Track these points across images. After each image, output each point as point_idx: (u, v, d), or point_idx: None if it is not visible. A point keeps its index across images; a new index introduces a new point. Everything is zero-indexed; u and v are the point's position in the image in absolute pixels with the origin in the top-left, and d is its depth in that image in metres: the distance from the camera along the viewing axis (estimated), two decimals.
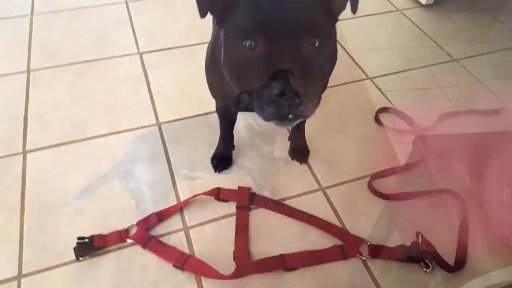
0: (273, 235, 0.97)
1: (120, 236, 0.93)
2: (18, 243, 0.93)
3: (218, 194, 1.03)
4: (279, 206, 1.02)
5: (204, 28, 1.58)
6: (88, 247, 0.91)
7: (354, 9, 0.70)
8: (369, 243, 0.96)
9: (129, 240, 0.93)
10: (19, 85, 1.29)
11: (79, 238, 0.91)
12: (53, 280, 0.87)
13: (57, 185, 1.04)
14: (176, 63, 1.41)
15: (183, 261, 0.89)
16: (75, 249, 0.90)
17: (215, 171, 1.10)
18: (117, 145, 1.14)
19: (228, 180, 1.08)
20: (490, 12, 1.76)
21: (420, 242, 0.96)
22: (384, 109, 1.29)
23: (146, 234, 0.94)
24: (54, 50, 1.42)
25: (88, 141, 1.15)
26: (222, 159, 1.11)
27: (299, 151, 1.14)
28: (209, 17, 0.67)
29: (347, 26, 1.61)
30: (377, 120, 1.26)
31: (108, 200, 1.01)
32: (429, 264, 0.93)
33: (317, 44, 0.64)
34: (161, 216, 0.98)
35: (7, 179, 1.04)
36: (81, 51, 1.43)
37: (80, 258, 0.90)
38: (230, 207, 1.02)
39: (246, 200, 1.02)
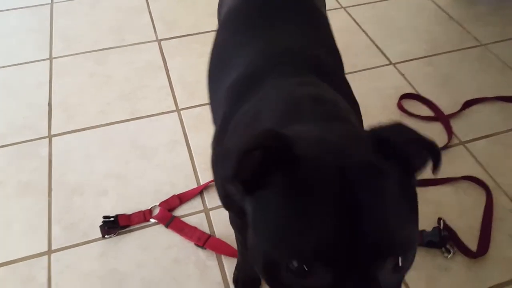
0: None
1: (144, 216, 1.03)
2: (47, 221, 1.03)
3: None
4: None
5: None
6: (113, 226, 1.01)
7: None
8: None
9: (152, 220, 1.03)
10: (42, 72, 1.40)
11: (104, 217, 1.01)
12: (80, 255, 0.98)
13: (82, 167, 1.14)
14: (194, 50, 1.49)
15: (204, 240, 0.98)
16: (101, 227, 1.00)
17: None
18: (138, 130, 1.24)
19: None
20: None
21: (441, 227, 1.02)
22: (407, 95, 1.35)
23: (168, 214, 1.03)
24: (75, 38, 1.53)
25: (110, 126, 1.25)
26: (248, 284, 0.93)
27: None
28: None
29: (369, 10, 1.66)
30: (400, 106, 1.32)
31: (131, 183, 1.11)
32: (450, 250, 0.98)
33: (400, 263, 0.42)
34: (183, 198, 1.07)
35: (34, 161, 1.15)
36: (101, 38, 1.53)
37: (106, 236, 1.00)
38: None
39: None
